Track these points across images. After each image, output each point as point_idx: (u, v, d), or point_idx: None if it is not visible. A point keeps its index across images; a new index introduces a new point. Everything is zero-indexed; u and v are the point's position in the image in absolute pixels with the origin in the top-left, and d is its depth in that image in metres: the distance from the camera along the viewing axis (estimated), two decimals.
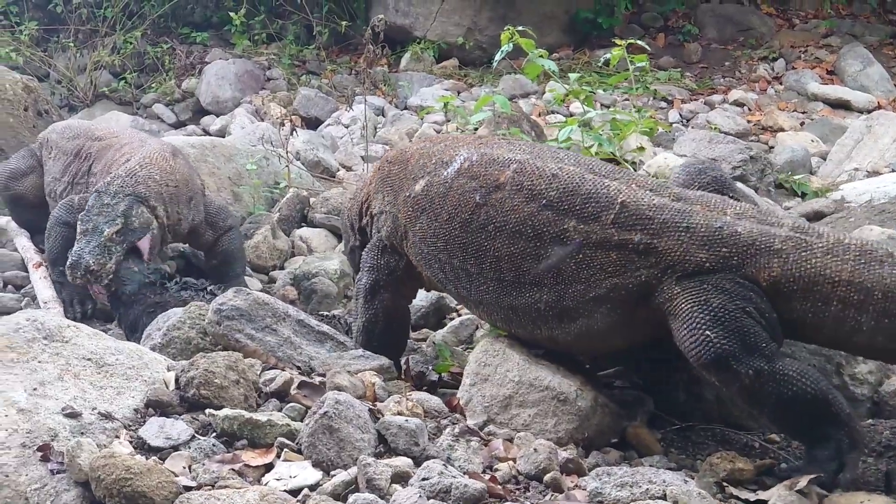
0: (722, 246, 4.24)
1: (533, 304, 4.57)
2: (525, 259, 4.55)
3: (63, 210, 7.18)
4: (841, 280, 4.10)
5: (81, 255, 6.42)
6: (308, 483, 3.74)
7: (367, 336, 5.27)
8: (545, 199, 4.51)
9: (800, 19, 16.41)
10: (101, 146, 7.63)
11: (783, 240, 4.21)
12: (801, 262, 4.17)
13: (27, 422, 3.89)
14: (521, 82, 13.58)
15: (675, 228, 4.30)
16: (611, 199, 4.42)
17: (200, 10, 16.17)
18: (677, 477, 3.93)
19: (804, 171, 10.31)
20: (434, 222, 4.85)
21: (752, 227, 4.26)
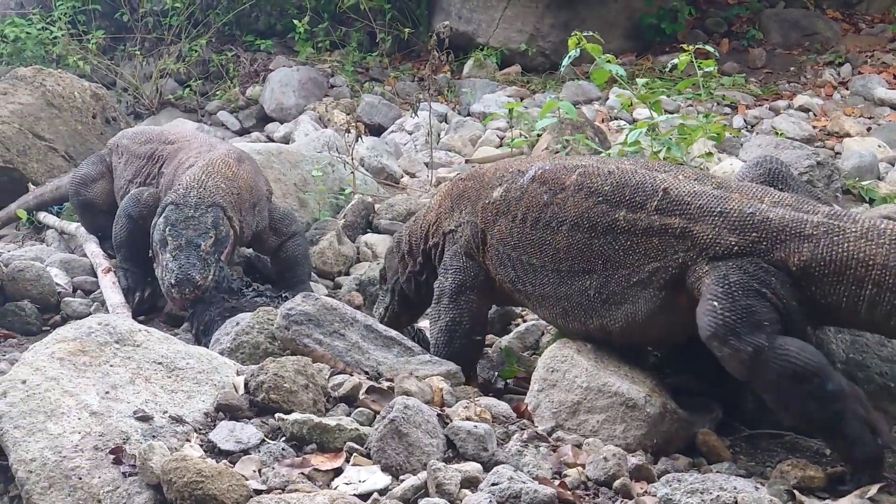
0: (752, 230, 4.36)
1: (584, 291, 4.78)
2: (580, 249, 4.78)
3: (130, 202, 7.31)
4: (875, 263, 4.16)
5: (187, 271, 6.47)
6: (377, 487, 3.74)
7: (449, 336, 5.32)
8: (601, 195, 4.75)
9: (866, 23, 16.22)
10: (173, 149, 7.72)
11: (815, 225, 4.29)
12: (832, 246, 4.24)
13: (100, 425, 3.93)
14: (584, 88, 13.54)
15: (711, 213, 4.45)
16: (655, 187, 4.63)
17: (264, 17, 16.27)
18: (748, 484, 3.90)
19: (872, 176, 10.20)
20: (510, 223, 5.07)
21: (785, 214, 4.36)
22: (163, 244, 6.67)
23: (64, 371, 4.18)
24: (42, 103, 10.05)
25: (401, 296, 6.03)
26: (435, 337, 5.39)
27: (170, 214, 6.75)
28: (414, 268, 5.87)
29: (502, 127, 11.92)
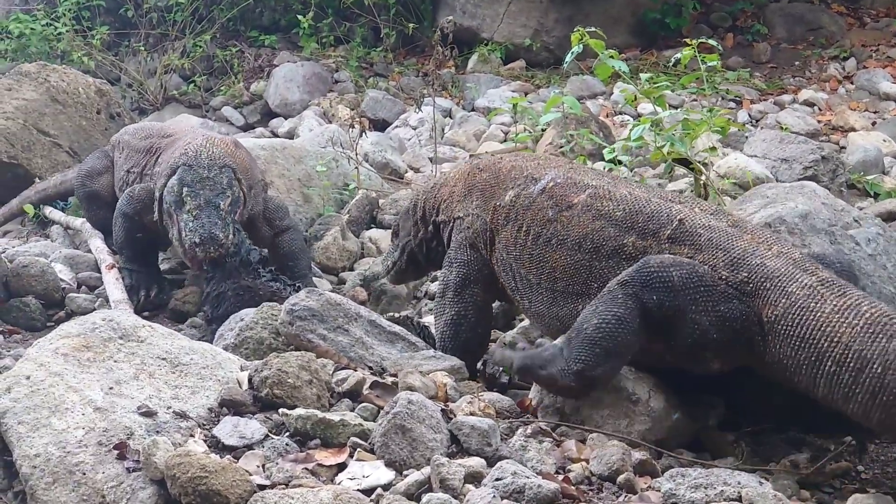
0: (743, 271, 4.36)
1: (577, 314, 4.67)
2: (578, 271, 4.81)
3: (124, 201, 7.30)
4: (840, 341, 4.06)
5: (210, 230, 6.51)
6: (381, 482, 3.75)
7: (455, 330, 5.37)
8: (612, 219, 4.77)
9: (871, 18, 16.19)
10: (170, 141, 7.71)
11: (800, 286, 4.24)
12: (804, 310, 4.17)
13: (104, 420, 3.94)
14: (588, 83, 13.52)
15: (717, 247, 4.47)
16: (671, 217, 4.65)
17: (269, 13, 16.25)
18: (752, 479, 3.90)
19: (877, 171, 10.18)
20: (515, 232, 5.09)
21: (780, 266, 4.34)
22: (179, 205, 6.69)
23: (68, 367, 4.20)
24: (46, 99, 10.05)
25: (410, 255, 6.10)
26: (441, 331, 5.42)
27: (184, 175, 6.78)
28: (426, 234, 5.92)
29: (507, 122, 11.91)
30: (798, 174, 8.95)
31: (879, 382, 3.94)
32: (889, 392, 3.91)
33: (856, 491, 4.17)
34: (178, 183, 6.76)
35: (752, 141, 9.75)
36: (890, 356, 3.93)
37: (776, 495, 3.74)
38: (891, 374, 3.91)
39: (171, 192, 6.78)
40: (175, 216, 6.70)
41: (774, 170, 9.05)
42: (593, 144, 9.09)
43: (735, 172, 8.35)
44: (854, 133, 11.64)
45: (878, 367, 3.94)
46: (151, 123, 9.17)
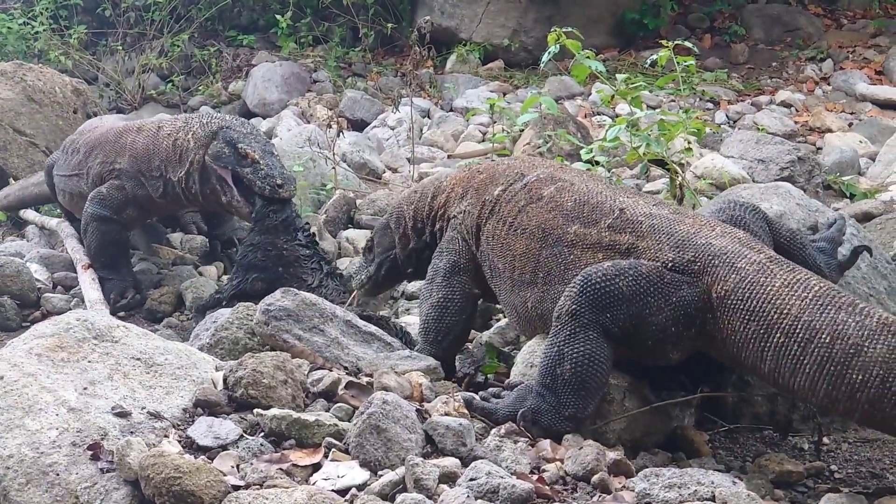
0: (691, 251, 4.37)
1: (525, 303, 4.89)
2: (529, 259, 4.89)
3: (96, 205, 7.23)
4: (789, 313, 4.07)
5: (283, 171, 6.82)
6: (356, 483, 3.75)
7: (440, 313, 5.39)
8: (563, 209, 4.83)
9: (848, 19, 16.28)
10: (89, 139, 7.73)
11: (749, 262, 4.25)
12: (755, 283, 4.18)
13: (77, 421, 3.93)
14: (566, 84, 13.55)
15: (660, 232, 4.50)
16: (613, 207, 4.69)
17: (247, 13, 16.24)
18: (726, 478, 3.90)
19: (853, 172, 10.24)
20: (495, 224, 5.14)
21: (727, 245, 4.36)
22: (239, 160, 6.81)
23: (42, 367, 4.17)
24: (23, 98, 10.02)
25: (389, 269, 6.11)
26: (425, 314, 5.45)
27: (229, 135, 6.94)
28: (417, 244, 5.91)
29: (485, 122, 11.94)
30: (774, 175, 8.98)
31: (828, 352, 3.95)
32: (836, 361, 3.93)
33: (829, 490, 4.18)
34: (228, 143, 6.89)
35: (728, 142, 9.79)
36: (839, 326, 3.95)
37: (749, 495, 3.75)
38: (839, 344, 3.93)
39: (222, 154, 6.89)
40: (238, 169, 6.81)
41: (751, 170, 9.09)
42: (571, 145, 9.10)
43: (712, 173, 8.39)
44: (830, 134, 11.72)
45: (826, 336, 3.96)
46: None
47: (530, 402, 4.35)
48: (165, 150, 7.16)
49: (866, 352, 3.88)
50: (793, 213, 5.33)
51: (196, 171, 6.98)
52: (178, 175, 7.01)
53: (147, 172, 7.19)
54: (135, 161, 7.25)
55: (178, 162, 7.03)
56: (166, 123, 7.45)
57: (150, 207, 7.40)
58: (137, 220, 7.47)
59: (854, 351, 3.89)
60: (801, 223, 5.30)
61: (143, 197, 7.25)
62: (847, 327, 3.94)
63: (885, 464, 4.63)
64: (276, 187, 6.64)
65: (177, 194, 7.13)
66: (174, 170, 7.05)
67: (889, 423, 3.93)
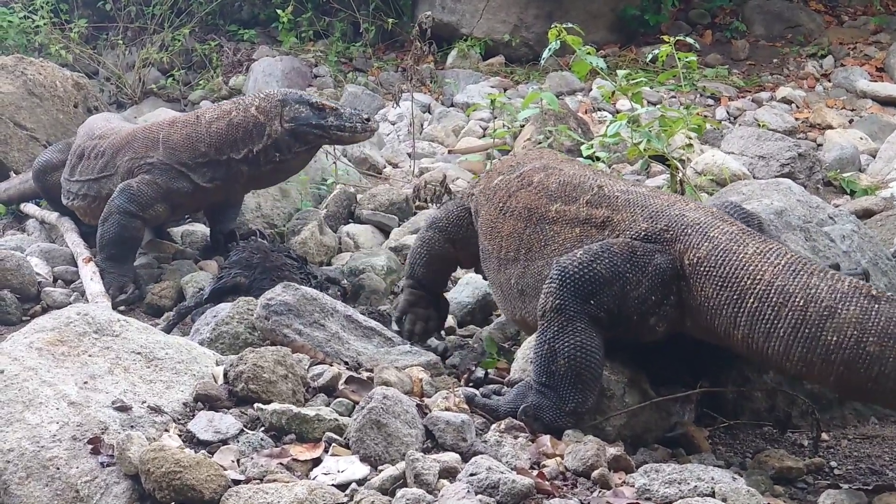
0: (664, 221, 4.48)
1: (508, 280, 5.03)
2: (514, 238, 5.03)
3: (124, 198, 7.20)
4: (762, 279, 4.13)
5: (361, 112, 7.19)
6: (356, 478, 3.75)
7: (412, 258, 6.01)
8: (547, 191, 4.98)
9: (849, 16, 16.26)
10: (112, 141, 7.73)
11: (722, 232, 4.34)
12: (728, 251, 4.25)
13: (78, 415, 3.93)
14: (567, 79, 13.54)
15: (634, 205, 4.62)
16: (593, 185, 4.84)
17: (248, 7, 16.25)
18: (726, 474, 3.91)
19: (853, 168, 10.24)
20: (489, 209, 5.29)
21: (700, 216, 4.46)
22: (318, 110, 7.07)
23: (42, 361, 4.18)
24: (23, 92, 9.99)
25: None
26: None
27: (294, 96, 7.20)
28: None
29: (485, 117, 11.93)
30: (775, 171, 8.99)
31: (802, 315, 4.00)
32: (811, 324, 3.97)
33: (829, 486, 4.19)
34: (300, 103, 7.12)
35: (729, 138, 9.79)
36: (812, 290, 4.01)
37: (749, 490, 3.75)
38: (812, 307, 3.98)
39: (300, 115, 7.09)
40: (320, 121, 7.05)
41: (752, 167, 9.09)
42: (571, 140, 9.10)
43: (712, 169, 8.39)
44: (831, 130, 11.71)
45: (800, 300, 4.01)
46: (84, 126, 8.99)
47: (531, 398, 4.37)
48: (218, 133, 7.20)
49: (840, 313, 3.93)
50: (793, 210, 5.33)
51: (277, 140, 7.14)
52: (257, 149, 7.14)
53: (191, 161, 7.22)
54: (172, 153, 7.26)
55: (250, 139, 7.16)
56: (206, 111, 7.54)
57: (181, 202, 7.40)
58: (162, 217, 7.46)
59: (828, 313, 3.95)
60: (802, 220, 5.30)
61: (178, 190, 7.26)
62: (820, 291, 4.00)
63: (885, 460, 4.63)
64: (365, 121, 7.05)
65: (235, 175, 7.24)
66: (244, 147, 7.18)
67: (863, 385, 3.97)
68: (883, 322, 3.88)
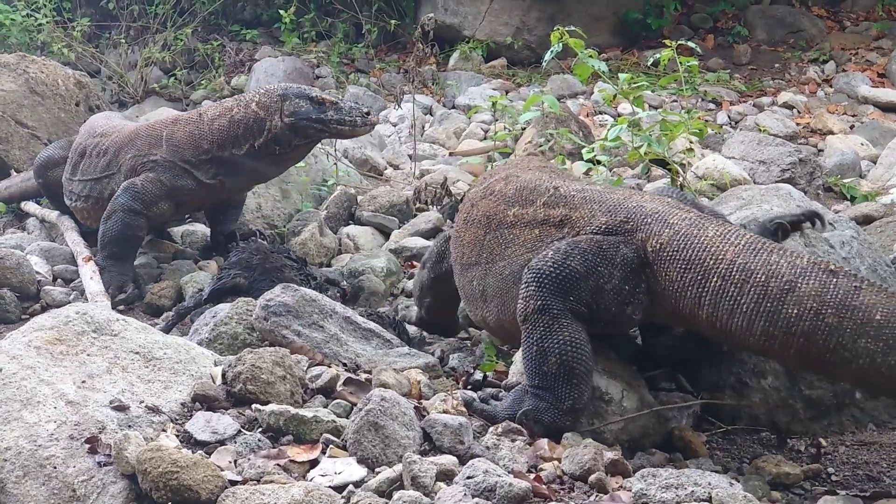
0: (622, 213, 4.59)
1: (470, 282, 5.18)
2: (475, 244, 5.16)
3: (128, 196, 7.21)
4: (724, 258, 4.26)
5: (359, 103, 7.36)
6: (353, 479, 3.75)
7: (416, 294, 6.19)
8: (506, 197, 5.10)
9: (851, 21, 16.27)
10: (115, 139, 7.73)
11: (682, 218, 4.47)
12: (689, 235, 4.38)
13: (75, 414, 3.93)
14: (569, 82, 13.55)
15: (591, 201, 4.73)
16: (549, 187, 4.95)
17: (250, 7, 16.26)
18: (723, 480, 3.90)
19: (854, 174, 10.23)
20: (458, 221, 5.49)
21: (659, 206, 4.59)
22: (318, 104, 7.06)
23: (41, 360, 4.18)
24: (25, 90, 9.99)
25: None
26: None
27: (294, 91, 7.20)
28: None
29: (487, 120, 11.93)
30: (776, 176, 8.99)
31: (763, 290, 4.13)
32: (772, 298, 4.11)
33: (826, 493, 4.19)
34: (300, 97, 7.11)
35: (730, 142, 9.79)
36: (772, 266, 4.15)
37: (746, 496, 3.75)
38: (773, 282, 4.12)
39: (300, 109, 7.08)
40: (320, 115, 7.06)
41: (752, 171, 9.09)
42: (573, 144, 9.10)
43: (713, 174, 8.39)
44: (832, 136, 11.72)
45: (761, 276, 4.15)
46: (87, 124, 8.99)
47: (528, 402, 4.39)
48: (220, 129, 7.22)
49: (800, 287, 4.08)
50: None
51: (276, 134, 7.16)
52: (258, 143, 7.14)
53: (194, 158, 7.23)
54: (176, 150, 7.28)
55: (251, 135, 7.17)
56: (208, 109, 7.56)
57: (185, 200, 7.40)
58: (166, 215, 7.45)
59: (788, 287, 4.10)
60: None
61: (182, 188, 7.26)
62: (780, 267, 4.15)
63: (883, 467, 4.63)
64: (364, 115, 7.05)
65: (238, 169, 7.26)
66: (245, 143, 7.18)
67: (822, 356, 4.08)
68: (841, 294, 4.03)
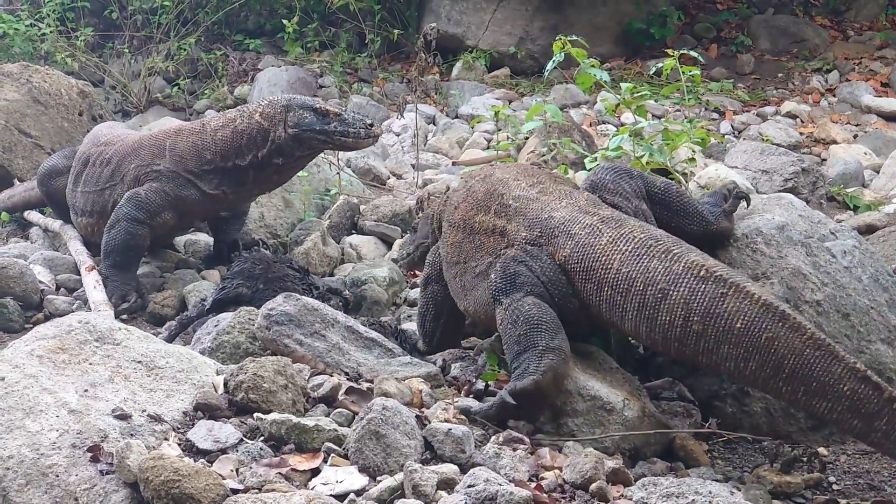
0: (538, 227, 4.91)
1: (454, 278, 5.46)
2: (457, 246, 5.42)
3: (132, 205, 7.21)
4: (612, 267, 4.52)
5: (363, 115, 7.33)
6: (354, 488, 3.76)
7: (421, 320, 5.99)
8: (476, 201, 5.38)
9: (854, 31, 16.27)
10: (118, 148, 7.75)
11: (582, 226, 4.73)
12: (585, 246, 4.67)
13: (78, 423, 3.94)
14: (572, 92, 13.54)
15: (518, 214, 5.05)
16: (499, 194, 5.25)
17: (254, 17, 16.26)
18: (724, 489, 3.91)
19: (857, 183, 10.23)
20: (446, 224, 5.68)
21: (566, 215, 4.86)
22: (322, 115, 7.03)
23: (43, 369, 4.19)
24: (28, 100, 10.01)
25: (422, 254, 6.44)
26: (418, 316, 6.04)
27: (298, 102, 7.17)
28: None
29: (490, 129, 11.92)
30: (778, 186, 8.99)
31: (641, 298, 4.40)
32: (649, 306, 4.36)
33: (827, 501, 4.19)
34: (304, 108, 7.09)
35: (733, 152, 9.79)
36: (650, 273, 4.39)
37: None
38: (650, 290, 4.37)
39: (304, 120, 7.06)
40: (323, 126, 7.03)
41: (755, 181, 9.09)
42: (575, 153, 9.10)
43: (715, 183, 8.37)
44: (835, 146, 11.71)
45: (640, 284, 4.41)
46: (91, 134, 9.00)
47: (515, 375, 4.62)
48: (223, 140, 7.23)
49: (671, 295, 4.33)
50: (795, 225, 5.32)
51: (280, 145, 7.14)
52: (261, 154, 7.15)
53: (197, 168, 7.24)
54: (179, 161, 7.28)
55: (254, 145, 7.17)
56: (211, 120, 7.55)
57: (189, 210, 7.40)
58: (169, 225, 7.44)
59: (662, 295, 4.35)
60: (804, 235, 5.30)
61: (186, 198, 7.27)
62: (656, 273, 4.39)
63: (884, 476, 4.63)
64: (368, 127, 7.02)
65: (241, 180, 7.25)
66: (248, 154, 7.18)
67: (698, 360, 4.36)
68: (706, 302, 4.25)
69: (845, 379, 4.04)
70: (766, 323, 4.17)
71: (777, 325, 4.16)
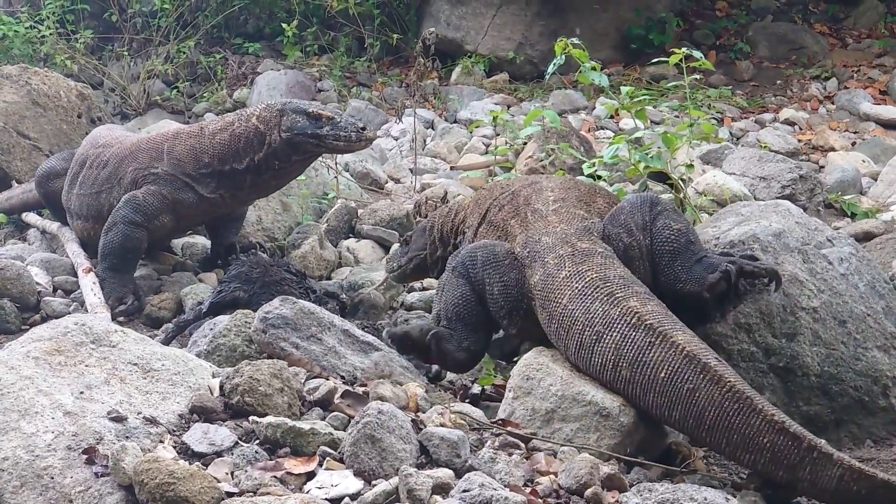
0: (528, 247, 5.11)
1: None
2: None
3: (130, 208, 7.20)
4: (561, 303, 4.69)
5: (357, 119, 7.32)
6: (349, 492, 3.75)
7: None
8: (516, 208, 5.55)
9: (853, 39, 16.29)
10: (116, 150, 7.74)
11: (556, 256, 4.91)
12: (550, 276, 4.86)
13: (73, 425, 3.93)
14: (571, 97, 13.56)
15: (525, 229, 5.29)
16: (529, 204, 5.49)
17: (253, 20, 16.28)
18: (719, 494, 3.91)
19: (854, 191, 10.24)
20: (486, 227, 5.75)
21: (550, 242, 5.03)
22: (315, 119, 6.99)
23: (39, 370, 4.18)
24: (27, 102, 10.00)
25: (417, 265, 6.65)
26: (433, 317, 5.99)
27: (293, 106, 7.15)
28: (444, 254, 6.33)
29: (488, 134, 11.93)
30: (776, 193, 9.00)
31: (580, 338, 4.56)
32: (585, 347, 4.52)
33: None
34: (298, 113, 7.07)
35: (731, 158, 9.80)
36: (590, 315, 4.54)
37: None
38: (588, 331, 4.52)
39: (297, 124, 7.03)
40: (316, 130, 7.00)
41: (753, 188, 9.10)
42: (574, 159, 9.11)
43: (713, 189, 8.40)
44: (833, 153, 11.72)
45: (580, 324, 4.59)
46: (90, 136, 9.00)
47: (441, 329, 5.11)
48: (221, 144, 7.22)
49: (604, 339, 4.45)
50: (791, 232, 5.33)
51: (275, 149, 7.12)
52: (258, 158, 7.13)
53: (195, 172, 7.23)
54: (177, 164, 7.27)
55: (251, 149, 7.16)
56: (210, 123, 7.56)
57: (186, 213, 7.39)
58: (166, 228, 7.43)
59: (596, 338, 4.49)
60: (801, 242, 5.30)
61: (184, 201, 7.26)
62: (595, 316, 4.53)
63: None
64: (360, 131, 6.97)
65: (239, 184, 7.25)
66: (245, 157, 7.17)
67: (634, 403, 4.47)
68: (635, 350, 4.36)
69: (764, 431, 4.04)
70: (687, 374, 4.23)
71: (698, 376, 4.20)
